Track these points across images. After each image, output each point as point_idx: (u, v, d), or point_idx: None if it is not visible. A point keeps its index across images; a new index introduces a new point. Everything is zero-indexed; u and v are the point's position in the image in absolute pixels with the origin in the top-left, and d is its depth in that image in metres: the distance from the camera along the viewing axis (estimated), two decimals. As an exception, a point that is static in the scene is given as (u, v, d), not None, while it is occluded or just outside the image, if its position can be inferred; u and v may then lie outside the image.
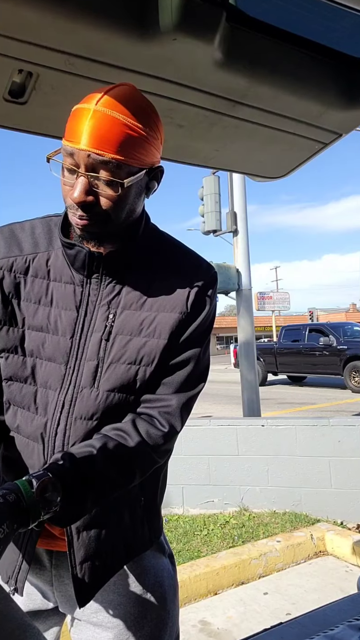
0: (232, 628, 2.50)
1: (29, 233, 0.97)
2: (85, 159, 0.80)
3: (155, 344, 0.91)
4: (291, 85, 0.99)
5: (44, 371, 0.91)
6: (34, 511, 0.74)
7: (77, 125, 0.80)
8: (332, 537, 3.27)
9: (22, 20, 0.78)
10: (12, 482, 0.76)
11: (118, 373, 0.90)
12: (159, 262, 0.96)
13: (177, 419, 0.94)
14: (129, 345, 0.91)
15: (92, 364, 0.90)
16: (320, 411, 10.16)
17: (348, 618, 0.89)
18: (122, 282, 0.93)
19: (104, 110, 0.79)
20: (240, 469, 3.81)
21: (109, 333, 0.91)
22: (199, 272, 0.97)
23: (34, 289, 0.93)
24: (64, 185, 0.85)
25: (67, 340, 0.91)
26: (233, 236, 7.22)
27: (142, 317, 0.92)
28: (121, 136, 0.80)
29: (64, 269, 0.93)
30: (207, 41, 0.84)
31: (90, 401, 0.90)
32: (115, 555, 0.95)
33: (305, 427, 3.74)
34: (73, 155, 0.81)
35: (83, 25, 0.80)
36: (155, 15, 0.81)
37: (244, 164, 1.40)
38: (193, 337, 0.94)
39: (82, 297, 0.92)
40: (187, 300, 0.93)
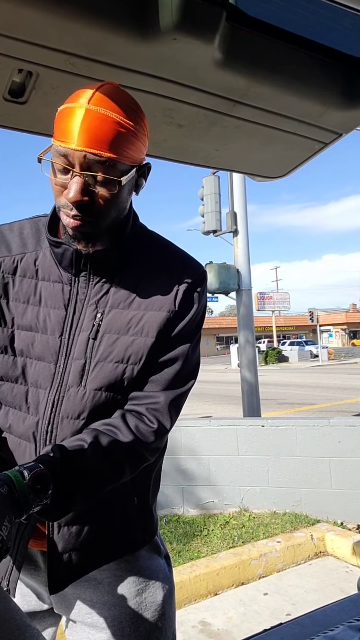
0: (232, 629, 2.50)
1: (17, 233, 0.97)
2: (81, 159, 0.80)
3: (142, 343, 0.91)
4: (291, 84, 0.99)
5: (34, 370, 0.92)
6: (25, 503, 0.74)
7: (70, 125, 0.79)
8: (332, 537, 3.27)
9: (22, 19, 0.78)
10: (3, 473, 0.75)
11: (105, 372, 0.90)
12: (147, 261, 0.96)
13: (166, 416, 0.93)
14: (116, 344, 0.91)
15: (79, 362, 0.91)
16: (321, 411, 10.16)
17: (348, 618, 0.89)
18: (111, 281, 0.93)
19: (97, 109, 0.79)
20: (240, 470, 3.81)
21: (96, 332, 0.91)
22: (187, 271, 0.96)
23: (22, 289, 0.93)
24: (56, 185, 0.85)
25: (56, 339, 0.91)
26: (233, 236, 7.22)
27: (130, 316, 0.92)
28: (115, 134, 0.80)
29: (52, 268, 0.94)
30: (207, 41, 0.84)
31: (77, 400, 0.90)
32: (98, 551, 0.94)
33: (305, 427, 3.74)
34: (67, 156, 0.80)
35: (83, 24, 0.80)
36: (155, 15, 0.81)
37: (244, 164, 1.40)
38: (181, 335, 0.94)
39: (70, 296, 0.93)
40: (175, 299, 0.93)
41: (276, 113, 1.07)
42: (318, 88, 1.02)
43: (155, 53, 0.87)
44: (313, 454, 3.68)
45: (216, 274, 6.94)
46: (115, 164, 0.81)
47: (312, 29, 0.94)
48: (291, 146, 1.23)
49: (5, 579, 0.93)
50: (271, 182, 1.45)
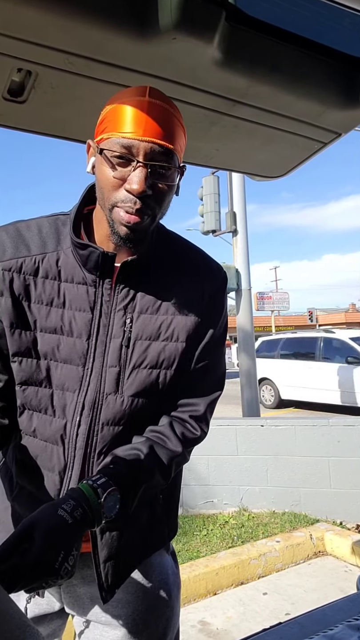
0: (231, 628, 2.50)
1: (35, 232, 0.93)
2: (147, 149, 0.80)
3: (174, 347, 0.92)
4: (291, 84, 0.99)
5: (60, 373, 0.90)
6: (97, 521, 0.78)
7: (134, 117, 0.79)
8: (331, 537, 3.27)
9: (21, 18, 0.78)
10: (77, 490, 0.79)
11: (140, 378, 0.91)
12: (171, 264, 0.96)
13: (205, 422, 0.99)
14: (149, 350, 0.91)
15: (115, 370, 0.90)
16: (320, 411, 10.16)
17: (347, 618, 0.89)
18: (136, 286, 0.92)
19: (159, 103, 0.80)
20: (239, 469, 3.81)
21: (128, 339, 0.91)
22: (212, 274, 0.98)
23: (45, 291, 0.90)
24: (113, 179, 0.82)
25: (83, 342, 0.90)
26: (232, 236, 7.23)
27: (160, 321, 0.92)
28: (175, 127, 0.82)
29: (76, 269, 0.91)
30: (206, 40, 0.84)
31: (117, 407, 0.90)
32: (134, 552, 0.97)
33: (304, 427, 3.74)
34: (131, 147, 0.80)
35: (83, 24, 0.80)
36: (154, 15, 0.81)
37: (243, 164, 1.40)
38: (213, 341, 0.97)
39: (95, 298, 0.91)
40: (203, 303, 0.94)
41: (276, 113, 1.07)
42: (317, 88, 1.02)
43: (154, 52, 0.87)
44: (312, 454, 3.68)
45: (215, 274, 6.91)
46: (174, 156, 0.83)
47: (312, 28, 0.94)
48: (290, 146, 1.23)
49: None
50: (271, 181, 1.45)
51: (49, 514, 0.76)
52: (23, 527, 0.75)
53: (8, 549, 0.72)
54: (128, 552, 0.94)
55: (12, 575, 0.70)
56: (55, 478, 0.91)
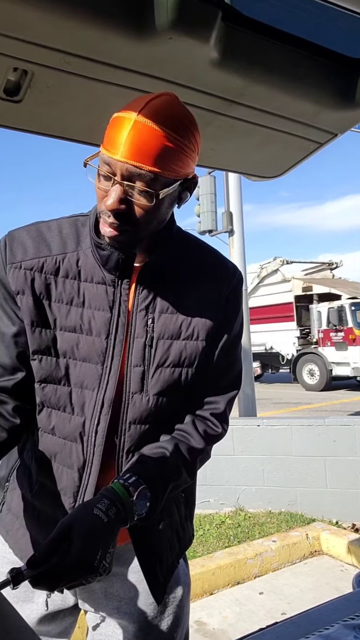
0: (227, 628, 2.50)
1: (56, 233, 0.96)
2: (122, 169, 0.80)
3: (194, 346, 0.95)
4: (287, 84, 0.99)
5: (79, 371, 0.92)
6: (130, 519, 0.81)
7: (117, 135, 0.80)
8: (327, 536, 3.28)
9: (17, 18, 0.78)
10: (110, 489, 0.82)
11: (164, 377, 0.93)
12: (189, 266, 0.98)
13: (226, 419, 1.03)
14: (171, 349, 0.94)
15: (139, 369, 0.92)
16: (316, 411, 10.19)
17: (343, 617, 0.89)
18: (156, 286, 0.94)
19: (145, 122, 0.79)
20: (235, 469, 3.82)
21: (151, 338, 0.93)
22: (228, 275, 1.00)
23: (65, 290, 0.92)
24: (99, 190, 0.86)
25: (102, 340, 0.91)
26: (229, 236, 7.22)
27: (180, 320, 0.94)
28: (159, 149, 0.80)
29: (95, 269, 0.93)
30: (202, 40, 0.84)
31: (143, 406, 0.92)
32: (173, 550, 1.01)
33: (300, 427, 3.75)
34: (110, 164, 0.81)
35: (79, 23, 0.80)
36: (151, 14, 0.81)
37: (239, 164, 1.40)
38: (231, 340, 1.00)
39: (114, 298, 0.92)
40: (220, 303, 0.97)
41: (272, 113, 1.07)
42: (313, 88, 1.02)
43: (150, 52, 0.86)
44: (308, 454, 3.69)
45: (212, 274, 6.91)
46: (157, 177, 0.82)
47: (308, 29, 0.95)
48: (287, 146, 1.23)
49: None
50: (267, 181, 1.45)
51: (85, 514, 0.79)
52: (61, 529, 0.77)
53: (48, 550, 0.75)
54: (168, 551, 0.99)
55: (54, 576, 0.74)
56: (75, 475, 0.92)
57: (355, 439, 3.59)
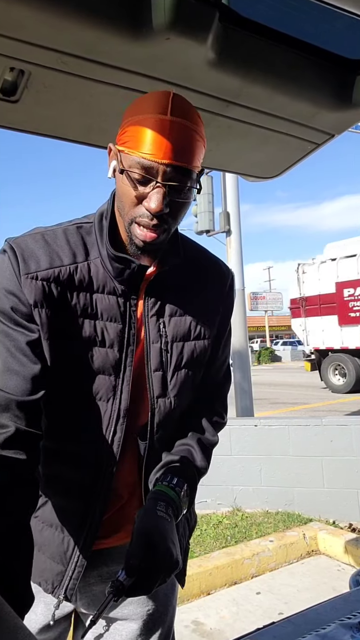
0: (225, 628, 2.50)
1: (64, 242, 0.92)
2: (165, 170, 0.80)
3: (203, 345, 0.99)
4: (284, 85, 0.99)
5: (94, 383, 0.91)
6: (180, 516, 0.89)
7: (154, 138, 0.79)
8: (324, 536, 3.29)
9: (14, 18, 0.77)
10: (160, 492, 0.88)
11: (181, 378, 0.97)
12: (191, 268, 1.01)
13: (226, 409, 1.10)
14: (184, 351, 0.97)
15: (159, 374, 0.95)
16: (313, 411, 10.21)
17: (340, 617, 0.89)
18: (163, 292, 0.96)
19: (180, 121, 0.80)
20: (233, 469, 3.82)
21: (166, 343, 0.96)
22: (223, 274, 1.05)
23: (79, 302, 0.90)
24: (132, 195, 0.84)
25: (115, 352, 0.92)
26: (226, 236, 7.23)
27: (188, 322, 0.98)
28: (195, 145, 0.82)
29: (107, 280, 0.92)
30: (200, 41, 0.84)
31: (167, 409, 0.96)
32: (185, 535, 1.07)
33: (298, 427, 3.75)
34: (150, 167, 0.80)
35: (76, 23, 0.80)
36: (148, 15, 0.81)
37: (237, 164, 1.40)
38: (227, 336, 1.07)
39: (125, 308, 0.92)
40: (219, 302, 1.02)
41: (269, 114, 1.07)
42: (311, 89, 1.02)
43: (148, 52, 0.86)
44: (305, 454, 3.70)
45: (209, 274, 6.92)
46: (192, 173, 0.84)
47: (305, 30, 0.95)
48: (284, 147, 1.24)
49: (61, 588, 0.96)
50: (264, 182, 1.45)
51: (154, 519, 0.84)
52: (140, 537, 0.82)
53: (137, 558, 0.80)
54: (184, 537, 1.06)
55: (148, 579, 0.80)
56: (87, 479, 0.95)
57: (352, 438, 3.60)
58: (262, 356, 34.59)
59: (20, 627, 0.72)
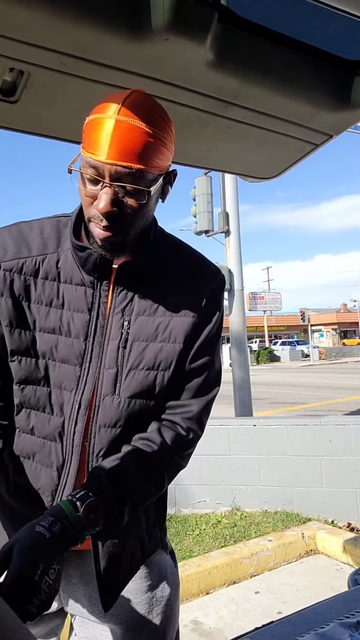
0: (223, 627, 2.51)
1: (37, 233, 0.95)
2: (111, 171, 0.80)
3: (171, 349, 0.93)
4: (283, 86, 0.99)
5: (58, 372, 0.92)
6: (80, 535, 0.78)
7: (100, 137, 0.79)
8: (323, 535, 3.29)
9: (13, 18, 0.78)
10: (56, 507, 0.79)
11: (137, 379, 0.92)
12: (169, 267, 0.97)
13: (199, 424, 0.98)
14: (146, 351, 0.92)
15: (112, 371, 0.92)
16: (312, 411, 10.22)
17: (339, 616, 0.90)
18: (134, 288, 0.94)
19: (127, 120, 0.79)
20: (232, 469, 3.82)
21: (125, 340, 0.92)
22: (208, 276, 0.99)
23: (44, 292, 0.92)
24: (86, 196, 0.85)
25: (80, 342, 0.91)
26: (225, 237, 7.23)
27: (157, 323, 0.93)
28: (144, 145, 0.80)
29: (74, 271, 0.93)
30: (199, 41, 0.85)
31: (113, 409, 0.91)
32: (135, 557, 0.98)
33: (296, 426, 3.75)
34: (97, 167, 0.80)
35: (75, 24, 0.80)
36: (147, 15, 0.81)
37: (235, 165, 1.41)
38: (207, 341, 0.97)
39: (93, 299, 0.92)
40: (200, 305, 0.96)
41: (268, 114, 1.08)
42: (309, 89, 1.02)
43: (147, 53, 0.87)
44: (304, 453, 3.70)
45: (208, 274, 6.93)
46: (144, 174, 0.82)
47: (304, 31, 0.95)
48: (282, 147, 1.24)
49: None
50: (263, 182, 1.45)
51: (26, 532, 0.76)
52: (3, 550, 0.75)
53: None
54: (129, 558, 0.97)
55: (10, 602, 0.68)
56: (54, 474, 0.92)
57: (351, 438, 3.61)
58: (261, 356, 34.63)
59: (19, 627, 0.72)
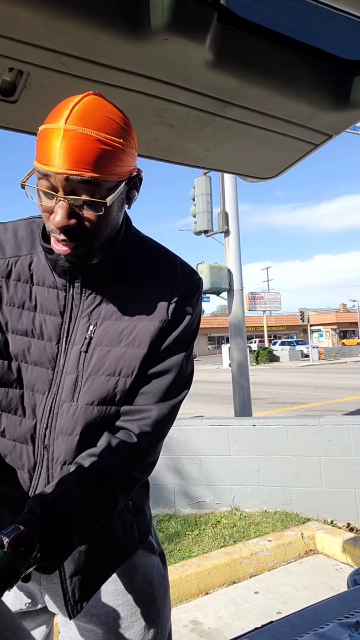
0: (223, 627, 2.50)
1: (11, 235, 0.95)
2: (63, 182, 0.76)
3: (134, 354, 0.89)
4: (282, 86, 0.99)
5: (31, 375, 0.90)
6: (10, 572, 0.70)
7: (49, 147, 0.75)
8: (322, 535, 3.29)
9: (13, 18, 0.78)
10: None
11: (97, 385, 0.89)
12: (140, 270, 0.94)
13: (158, 432, 0.92)
14: (107, 356, 0.89)
15: (72, 377, 0.90)
16: (311, 410, 10.22)
17: (338, 616, 0.90)
18: (104, 291, 0.91)
19: (75, 129, 0.74)
20: (231, 469, 3.82)
21: (87, 345, 0.90)
22: (181, 279, 0.94)
23: (17, 294, 0.91)
24: (43, 211, 0.82)
25: (53, 345, 0.90)
26: (224, 237, 7.24)
27: (122, 327, 0.90)
28: (96, 153, 0.75)
29: (47, 273, 0.92)
30: (198, 41, 0.85)
31: (69, 415, 0.89)
32: (107, 561, 0.95)
33: (296, 426, 3.76)
34: (49, 178, 0.76)
35: (74, 24, 0.80)
36: (146, 15, 0.81)
37: (235, 165, 1.41)
38: (174, 345, 0.92)
39: (65, 302, 0.91)
40: (168, 308, 0.91)
41: (267, 114, 1.08)
42: (308, 89, 1.02)
43: (146, 53, 0.87)
44: (303, 453, 3.70)
45: (208, 274, 6.95)
46: (101, 183, 0.77)
47: (303, 31, 0.95)
48: (282, 147, 1.24)
49: None
50: (262, 182, 1.45)
51: None
52: None
53: None
54: (100, 563, 0.93)
55: None
56: (25, 476, 0.91)
57: (350, 438, 3.61)
58: (260, 356, 34.63)
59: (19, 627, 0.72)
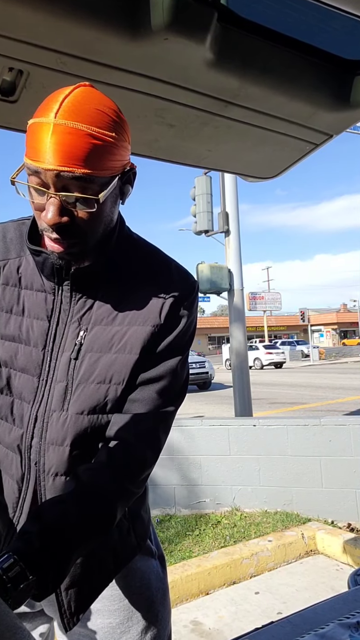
0: (223, 628, 2.50)
1: (0, 238, 0.92)
2: (54, 178, 0.73)
3: (125, 360, 0.85)
4: (282, 85, 0.99)
5: (19, 382, 0.88)
6: (4, 596, 0.66)
7: (39, 143, 0.72)
8: (322, 536, 3.29)
9: (13, 17, 0.77)
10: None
11: (87, 393, 0.85)
12: (132, 273, 0.90)
13: (155, 442, 0.89)
14: (98, 363, 0.86)
15: (62, 385, 0.86)
16: (312, 411, 10.22)
17: (339, 616, 0.90)
18: (94, 295, 0.88)
19: (65, 123, 0.71)
20: (231, 469, 3.82)
21: (77, 351, 0.86)
22: (175, 282, 0.91)
23: (5, 298, 0.89)
24: (35, 208, 0.79)
25: (39, 351, 0.87)
26: (225, 236, 7.24)
27: (113, 332, 0.86)
28: (88, 148, 0.72)
29: (35, 276, 0.89)
30: (198, 41, 0.85)
31: (59, 425, 0.85)
32: (104, 572, 0.93)
33: (296, 426, 3.75)
34: (39, 174, 0.74)
35: (74, 23, 0.80)
36: (147, 15, 0.81)
37: (235, 164, 1.41)
38: (168, 351, 0.89)
39: (53, 306, 0.88)
40: (161, 313, 0.88)
41: (267, 114, 1.08)
42: (309, 89, 1.02)
43: (146, 53, 0.87)
44: (304, 453, 3.70)
45: (208, 274, 6.95)
46: (93, 178, 0.74)
47: (303, 30, 0.95)
48: (282, 147, 1.24)
49: None
50: (263, 182, 1.45)
51: None
52: None
53: None
54: (97, 574, 0.91)
55: None
56: (15, 486, 0.89)
57: (351, 438, 3.60)
58: (260, 356, 34.60)
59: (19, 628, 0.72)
